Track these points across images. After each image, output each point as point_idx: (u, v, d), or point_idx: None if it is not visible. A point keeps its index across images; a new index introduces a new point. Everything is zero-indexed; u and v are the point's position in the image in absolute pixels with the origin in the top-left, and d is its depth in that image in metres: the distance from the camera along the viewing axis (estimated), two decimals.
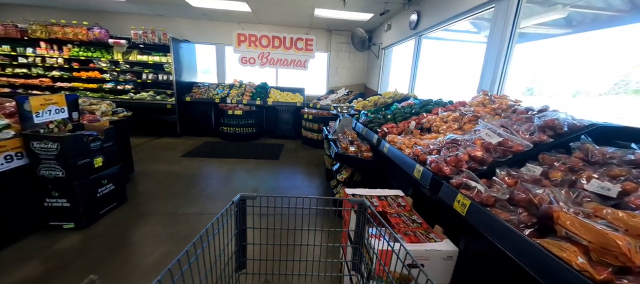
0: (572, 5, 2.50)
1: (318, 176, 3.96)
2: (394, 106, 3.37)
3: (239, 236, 1.13)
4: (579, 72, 3.37)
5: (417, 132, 2.26)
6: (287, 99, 6.50)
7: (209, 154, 4.98)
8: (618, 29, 2.49)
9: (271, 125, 6.67)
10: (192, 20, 6.84)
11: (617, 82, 3.15)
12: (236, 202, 1.07)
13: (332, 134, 3.35)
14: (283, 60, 6.99)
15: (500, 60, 2.47)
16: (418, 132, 2.26)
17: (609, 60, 3.02)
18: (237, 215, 1.11)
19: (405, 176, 1.86)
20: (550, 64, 3.39)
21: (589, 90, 3.44)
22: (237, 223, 1.11)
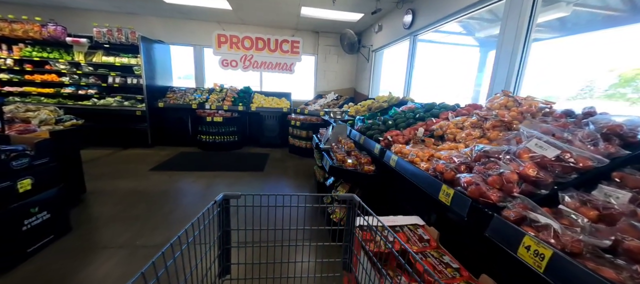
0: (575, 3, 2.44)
1: (309, 190, 3.52)
2: (393, 111, 3.01)
3: (222, 239, 1.07)
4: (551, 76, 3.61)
5: (429, 141, 1.89)
6: (272, 104, 6.04)
7: (183, 166, 4.41)
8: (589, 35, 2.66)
9: (255, 132, 6.17)
10: (167, 19, 6.27)
11: (583, 87, 3.49)
12: (219, 202, 1.02)
13: (324, 143, 2.94)
14: (267, 63, 6.55)
15: (515, 58, 2.18)
16: (430, 141, 1.89)
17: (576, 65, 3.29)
18: (220, 216, 1.05)
19: (424, 197, 1.47)
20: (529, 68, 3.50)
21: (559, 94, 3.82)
22: (220, 224, 1.05)
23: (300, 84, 7.25)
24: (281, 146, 6.14)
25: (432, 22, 3.58)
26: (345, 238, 1.23)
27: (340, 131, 2.89)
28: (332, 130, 2.92)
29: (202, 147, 5.58)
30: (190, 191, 3.40)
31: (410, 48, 4.11)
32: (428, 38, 4.76)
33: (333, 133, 2.88)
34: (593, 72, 3.18)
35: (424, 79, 4.58)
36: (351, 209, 1.18)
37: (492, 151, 1.32)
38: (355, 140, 2.82)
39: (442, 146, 1.74)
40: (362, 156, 2.35)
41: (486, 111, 1.92)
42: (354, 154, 2.41)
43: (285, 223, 1.13)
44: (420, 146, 1.88)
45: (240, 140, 5.83)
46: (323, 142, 3.02)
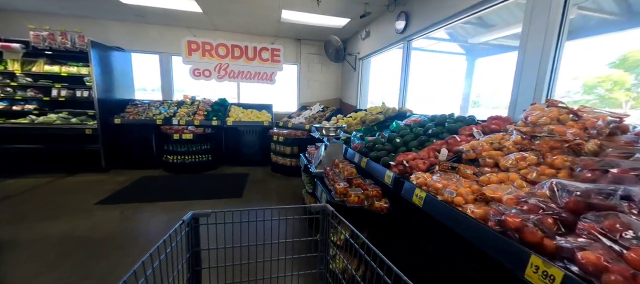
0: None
1: (299, 223, 2.92)
2: (395, 125, 2.55)
3: (192, 261, 1.04)
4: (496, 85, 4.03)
5: (466, 171, 1.41)
6: (251, 117, 5.42)
7: (142, 195, 3.63)
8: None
9: (232, 150, 5.48)
10: (127, 24, 5.50)
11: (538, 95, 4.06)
12: (187, 222, 1.00)
13: (316, 166, 2.40)
14: (245, 73, 5.95)
15: (546, 61, 1.81)
16: (465, 169, 1.42)
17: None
18: (189, 236, 1.02)
19: (485, 258, 0.97)
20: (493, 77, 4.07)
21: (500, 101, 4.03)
22: (188, 245, 1.02)
23: (282, 95, 6.70)
24: (262, 163, 5.49)
25: (429, 26, 3.24)
26: (320, 248, 1.22)
27: (334, 151, 2.37)
28: (324, 150, 2.39)
29: (168, 170, 4.79)
30: (145, 232, 2.67)
31: (405, 54, 3.74)
32: (415, 45, 4.47)
33: (327, 154, 2.35)
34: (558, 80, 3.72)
35: (414, 88, 4.27)
36: (325, 219, 1.17)
37: (594, 195, 0.86)
38: (355, 162, 2.31)
39: (487, 177, 1.27)
40: (369, 185, 1.83)
41: (529, 126, 1.49)
42: (357, 182, 1.89)
43: (260, 238, 1.09)
44: (452, 175, 1.40)
45: (214, 159, 5.11)
46: (314, 164, 2.47)
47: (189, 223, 1.01)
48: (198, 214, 1.04)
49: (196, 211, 1.03)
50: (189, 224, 1.01)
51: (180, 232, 0.96)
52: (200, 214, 1.04)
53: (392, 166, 1.73)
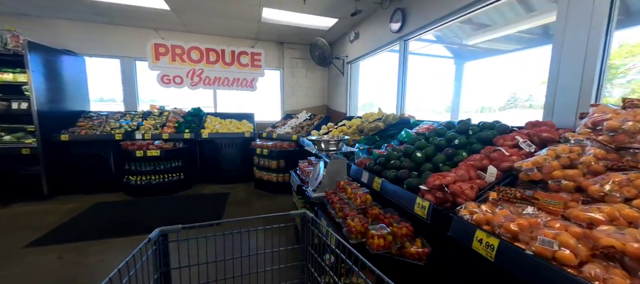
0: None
1: (294, 257, 2.39)
2: (406, 134, 2.15)
3: (161, 281, 0.98)
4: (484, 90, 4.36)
5: (548, 202, 1.00)
6: (230, 128, 4.82)
7: (93, 229, 2.91)
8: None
9: (209, 166, 4.82)
10: (81, 24, 4.73)
11: (509, 99, 4.46)
12: (154, 240, 0.93)
13: (316, 189, 1.93)
14: (222, 79, 5.37)
15: (594, 53, 1.50)
16: (551, 202, 1.01)
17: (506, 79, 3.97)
18: (157, 255, 0.96)
19: None
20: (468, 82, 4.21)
21: (492, 105, 4.60)
22: (157, 265, 0.97)
23: (264, 104, 6.17)
24: (245, 180, 4.89)
25: (428, 24, 2.93)
26: (301, 256, 1.21)
27: (337, 169, 1.91)
28: (324, 168, 1.93)
29: (131, 193, 4.05)
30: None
31: (402, 55, 3.42)
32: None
33: (328, 173, 1.89)
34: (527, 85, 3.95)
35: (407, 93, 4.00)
36: (304, 226, 1.16)
37: None
38: (363, 182, 1.86)
39: (591, 214, 0.87)
40: (392, 218, 1.39)
41: (605, 134, 1.14)
42: (374, 212, 1.44)
43: (237, 251, 1.09)
44: (523, 208, 0.99)
45: (188, 177, 4.44)
46: (312, 186, 1.99)
47: (156, 240, 0.95)
48: (167, 230, 0.98)
49: (164, 227, 0.98)
50: (156, 242, 0.95)
51: (146, 251, 0.90)
52: (169, 230, 0.98)
53: (424, 192, 1.30)
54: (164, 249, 0.98)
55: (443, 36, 5.01)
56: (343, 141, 1.93)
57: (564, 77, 1.65)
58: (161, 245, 0.98)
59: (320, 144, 1.95)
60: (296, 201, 2.64)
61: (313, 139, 2.01)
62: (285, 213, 1.24)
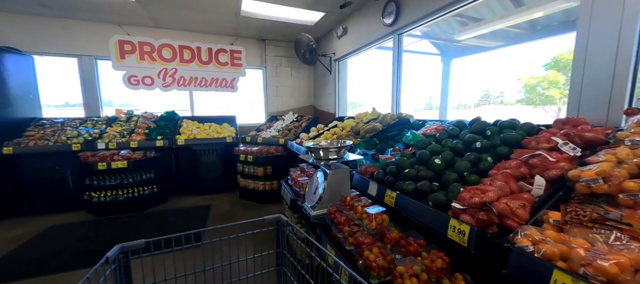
0: None
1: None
2: (412, 136, 1.92)
3: None
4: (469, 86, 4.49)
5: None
6: (210, 133, 4.39)
7: (43, 262, 2.41)
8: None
9: (187, 176, 4.36)
10: (28, 18, 4.07)
11: (482, 96, 4.73)
12: (113, 258, 0.83)
13: (315, 205, 1.63)
14: (199, 79, 4.91)
15: (629, 34, 1.33)
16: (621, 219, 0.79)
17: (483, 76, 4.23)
18: (117, 275, 0.87)
19: None
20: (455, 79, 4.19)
21: (467, 102, 4.77)
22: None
23: (246, 105, 5.76)
24: (228, 189, 4.48)
25: (424, 15, 2.73)
26: (277, 261, 1.18)
27: (339, 180, 1.63)
28: (324, 180, 1.63)
29: (94, 211, 3.51)
30: None
31: (396, 51, 3.20)
32: (389, 45, 4.07)
33: (328, 186, 1.59)
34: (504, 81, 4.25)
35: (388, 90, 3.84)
36: (279, 230, 1.14)
37: None
38: (370, 194, 1.59)
39: None
40: (418, 244, 1.13)
41: None
42: (392, 237, 1.17)
43: (208, 262, 1.06)
44: (604, 234, 0.76)
45: (162, 190, 3.96)
46: (311, 202, 1.69)
47: (115, 259, 0.87)
48: (128, 247, 0.90)
49: (125, 244, 0.89)
50: (116, 260, 0.87)
51: (104, 272, 0.82)
52: (130, 247, 0.90)
53: (458, 211, 1.05)
54: (125, 269, 0.90)
55: (431, 32, 4.90)
56: (345, 147, 1.65)
57: (592, 68, 1.48)
58: (121, 264, 0.89)
59: (318, 152, 1.65)
60: (289, 216, 2.32)
61: (310, 147, 1.70)
62: (258, 219, 1.18)
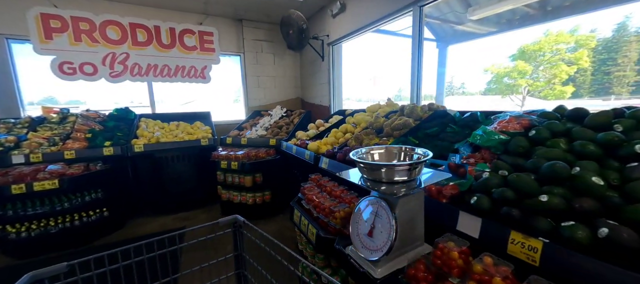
0: None
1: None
2: (487, 136, 1.37)
3: None
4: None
5: None
6: (178, 135, 3.48)
7: None
8: None
9: (151, 191, 3.42)
10: None
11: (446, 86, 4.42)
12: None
13: (382, 261, 0.99)
14: (160, 68, 3.92)
15: None
16: None
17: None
18: None
19: None
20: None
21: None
22: None
23: (222, 99, 4.86)
24: (206, 203, 3.64)
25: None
26: (236, 265, 1.13)
27: (412, 213, 1.02)
28: (390, 216, 1.01)
29: (13, 253, 2.49)
30: None
31: (417, 29, 2.64)
32: (387, 28, 3.58)
33: (400, 222, 0.98)
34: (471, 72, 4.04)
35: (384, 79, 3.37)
36: (236, 232, 1.10)
37: None
38: (464, 234, 1.01)
39: None
40: None
41: None
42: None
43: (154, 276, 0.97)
44: None
45: (116, 213, 3.01)
46: (371, 249, 1.06)
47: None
48: (42, 274, 0.74)
49: (38, 271, 0.74)
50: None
51: None
52: (46, 273, 0.74)
53: None
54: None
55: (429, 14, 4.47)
56: (422, 161, 1.02)
57: None
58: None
59: (377, 171, 1.00)
60: (314, 264, 1.66)
61: (361, 161, 1.05)
62: (212, 223, 1.12)
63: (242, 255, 1.13)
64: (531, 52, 14.19)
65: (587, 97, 14.22)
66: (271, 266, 1.04)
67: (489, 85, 16.02)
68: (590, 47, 13.37)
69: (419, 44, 2.66)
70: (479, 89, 9.12)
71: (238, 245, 1.12)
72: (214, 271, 1.15)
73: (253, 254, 1.15)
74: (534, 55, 14.07)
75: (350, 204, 1.45)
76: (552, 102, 11.82)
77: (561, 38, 13.76)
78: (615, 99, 12.83)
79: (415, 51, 2.69)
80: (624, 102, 11.48)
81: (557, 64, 13.99)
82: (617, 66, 13.21)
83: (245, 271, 1.13)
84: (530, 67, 14.43)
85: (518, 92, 16.02)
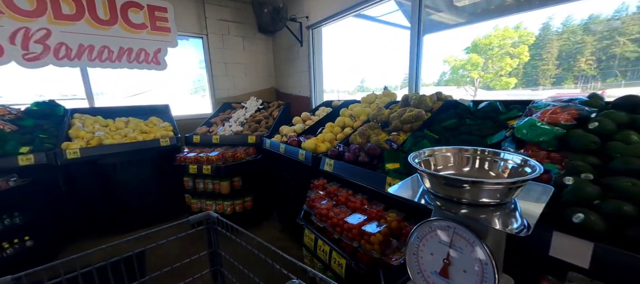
0: None
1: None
2: (535, 128, 1.18)
3: None
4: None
5: None
6: (127, 135, 2.78)
7: None
8: None
9: (93, 207, 2.70)
10: None
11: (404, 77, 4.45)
12: None
13: None
14: (98, 50, 3.11)
15: None
16: None
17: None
18: None
19: None
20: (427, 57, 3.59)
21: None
22: None
23: (181, 90, 4.15)
24: (170, 218, 3.03)
25: None
26: (211, 262, 1.10)
27: (498, 241, 0.76)
28: (483, 251, 0.73)
29: None
30: None
31: (416, 12, 2.40)
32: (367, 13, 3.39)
33: (498, 261, 0.71)
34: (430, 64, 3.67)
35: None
36: (210, 229, 1.07)
37: None
38: None
39: None
40: None
41: None
42: None
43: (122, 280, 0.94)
44: None
45: (45, 240, 2.29)
46: None
47: None
48: None
49: None
50: None
51: None
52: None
53: None
54: None
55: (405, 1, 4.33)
56: (528, 177, 0.74)
57: None
58: None
59: (459, 189, 0.70)
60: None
61: (431, 173, 0.74)
62: (181, 221, 1.10)
63: (217, 252, 1.07)
64: (482, 45, 15.26)
65: (521, 87, 15.75)
66: (248, 261, 0.97)
67: (442, 76, 16.63)
68: (530, 43, 14.83)
69: (418, 26, 2.43)
70: (433, 80, 9.46)
71: (213, 242, 1.06)
72: (188, 272, 1.08)
73: (228, 251, 1.08)
74: (485, 48, 15.17)
75: (381, 219, 1.15)
76: (498, 93, 12.80)
77: (507, 33, 15.00)
78: (543, 89, 14.40)
79: (414, 35, 2.46)
80: (547, 92, 12.88)
81: (503, 57, 15.30)
82: (542, 61, 14.91)
83: (222, 268, 1.09)
84: (482, 59, 15.55)
85: (471, 84, 17.19)
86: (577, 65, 16.38)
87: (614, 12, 14.17)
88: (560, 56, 17.30)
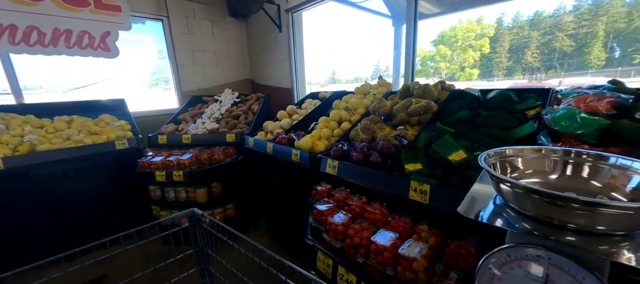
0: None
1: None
2: (575, 120, 1.06)
3: None
4: None
5: None
6: (70, 138, 2.24)
7: None
8: None
9: (27, 230, 2.14)
10: None
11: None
12: None
13: None
14: (23, 32, 2.47)
15: None
16: None
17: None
18: None
19: None
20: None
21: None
22: None
23: (137, 82, 3.56)
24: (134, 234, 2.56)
25: None
26: (198, 260, 1.07)
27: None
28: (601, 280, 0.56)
29: None
30: None
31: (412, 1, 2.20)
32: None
33: None
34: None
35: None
36: (195, 226, 1.03)
37: None
38: None
39: None
40: None
41: None
42: None
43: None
44: None
45: None
46: None
47: None
48: None
49: None
50: None
51: None
52: None
53: None
54: None
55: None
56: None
57: None
58: None
59: (560, 212, 0.52)
60: None
61: (545, 192, 0.54)
62: (164, 219, 1.05)
63: (203, 250, 1.04)
64: (448, 38, 15.88)
65: (477, 79, 16.91)
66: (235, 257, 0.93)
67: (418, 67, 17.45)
68: (490, 36, 15.80)
69: (415, 10, 2.25)
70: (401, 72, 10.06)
71: (199, 240, 1.02)
72: (174, 272, 1.06)
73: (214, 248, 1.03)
74: (450, 41, 15.80)
75: (413, 235, 0.95)
76: (463, 83, 13.59)
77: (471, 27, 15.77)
78: (497, 80, 15.72)
79: (410, 20, 2.28)
80: (500, 83, 14.19)
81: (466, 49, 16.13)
82: (496, 54, 16.29)
83: (210, 266, 1.07)
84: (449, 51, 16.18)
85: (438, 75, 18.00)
86: (525, 59, 18.03)
87: (554, 10, 15.12)
88: (510, 49, 18.85)
